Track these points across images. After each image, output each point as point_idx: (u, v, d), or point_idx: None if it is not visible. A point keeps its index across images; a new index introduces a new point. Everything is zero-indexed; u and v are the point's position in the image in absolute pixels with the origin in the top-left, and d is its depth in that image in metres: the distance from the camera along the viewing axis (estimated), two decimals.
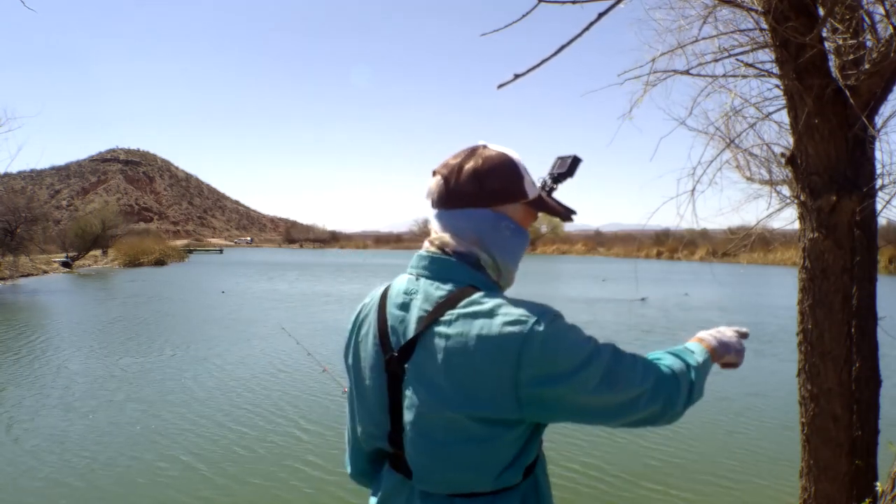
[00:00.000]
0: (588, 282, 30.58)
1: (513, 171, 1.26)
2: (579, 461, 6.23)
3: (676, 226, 4.14)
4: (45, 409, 8.16)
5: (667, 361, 1.27)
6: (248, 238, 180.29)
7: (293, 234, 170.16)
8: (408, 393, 1.19)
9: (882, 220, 3.70)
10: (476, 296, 1.18)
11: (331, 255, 79.60)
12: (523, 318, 1.13)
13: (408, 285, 1.25)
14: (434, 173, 1.28)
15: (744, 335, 1.45)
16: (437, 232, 1.27)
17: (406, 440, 1.21)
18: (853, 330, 3.05)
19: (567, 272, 40.50)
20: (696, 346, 1.37)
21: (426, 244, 1.29)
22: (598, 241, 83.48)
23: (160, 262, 50.59)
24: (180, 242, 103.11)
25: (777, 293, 24.11)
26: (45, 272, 38.17)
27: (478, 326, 1.13)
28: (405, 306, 1.23)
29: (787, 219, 4.23)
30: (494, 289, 1.25)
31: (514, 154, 1.29)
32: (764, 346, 12.91)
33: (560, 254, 75.19)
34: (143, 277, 35.30)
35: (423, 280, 1.24)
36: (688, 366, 1.28)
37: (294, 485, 5.73)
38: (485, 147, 1.28)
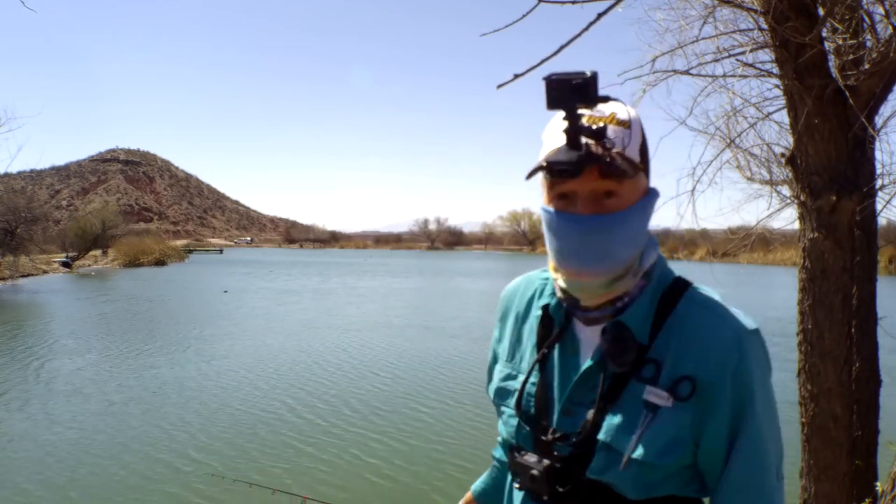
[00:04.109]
0: None
1: None
2: None
3: (676, 226, 4.13)
4: (26, 409, 8.16)
5: None
6: (248, 238, 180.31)
7: (293, 234, 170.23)
8: None
9: (882, 220, 3.71)
10: None
11: (334, 255, 79.58)
12: None
13: None
14: None
15: None
16: None
17: None
18: (853, 330, 3.04)
19: None
20: None
21: None
22: None
23: (160, 263, 50.61)
24: (180, 242, 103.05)
25: (771, 293, 24.10)
26: (45, 272, 38.16)
27: None
28: None
29: (787, 219, 4.23)
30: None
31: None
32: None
33: None
34: (143, 277, 35.32)
35: None
36: None
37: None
38: None
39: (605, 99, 0.96)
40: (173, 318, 17.70)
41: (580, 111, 0.94)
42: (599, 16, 1.92)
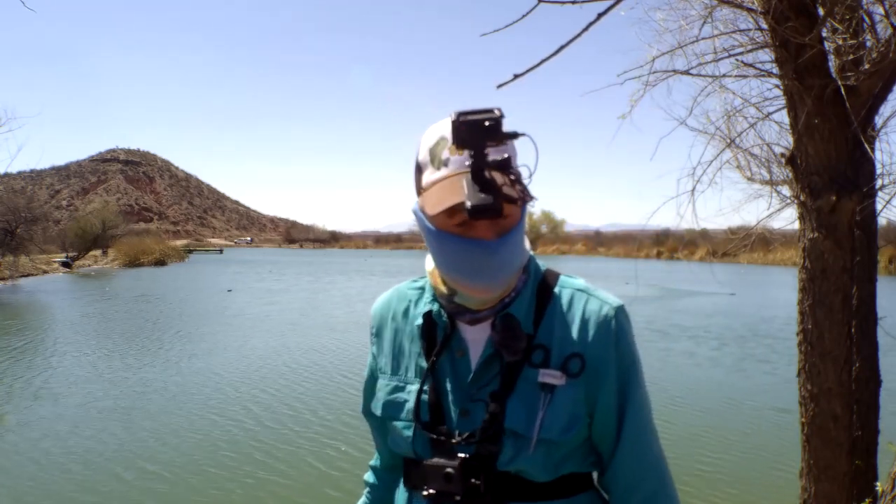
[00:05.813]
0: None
1: (417, 151, 1.09)
2: None
3: (676, 226, 4.13)
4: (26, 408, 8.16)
5: None
6: (248, 238, 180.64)
7: (293, 234, 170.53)
8: None
9: (882, 220, 3.70)
10: None
11: (334, 255, 79.54)
12: None
13: None
14: None
15: None
16: None
17: None
18: (853, 330, 3.04)
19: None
20: None
21: None
22: (598, 242, 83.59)
23: (160, 263, 50.63)
24: (180, 242, 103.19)
25: (771, 293, 24.10)
26: (45, 272, 38.18)
27: None
28: None
29: (787, 219, 4.23)
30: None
31: (430, 129, 1.07)
32: (759, 346, 12.91)
33: (560, 254, 75.13)
34: (142, 277, 35.33)
35: None
36: None
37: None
38: None
39: (514, 135, 0.97)
40: (167, 317, 17.66)
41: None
42: (599, 16, 1.92)
